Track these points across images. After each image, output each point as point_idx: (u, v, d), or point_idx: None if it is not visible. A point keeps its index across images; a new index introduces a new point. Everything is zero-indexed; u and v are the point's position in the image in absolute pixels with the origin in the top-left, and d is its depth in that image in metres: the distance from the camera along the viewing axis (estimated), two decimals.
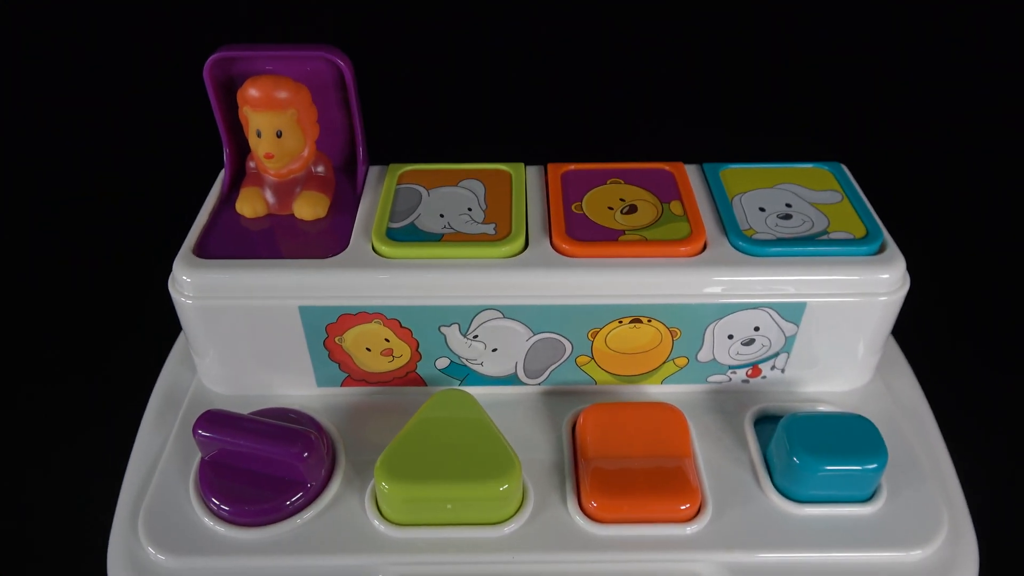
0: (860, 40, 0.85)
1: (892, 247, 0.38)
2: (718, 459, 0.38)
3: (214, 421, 0.35)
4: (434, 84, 0.70)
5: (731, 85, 0.81)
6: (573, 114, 0.73)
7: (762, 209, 0.40)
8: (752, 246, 0.38)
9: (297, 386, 0.41)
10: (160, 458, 0.38)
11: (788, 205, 0.41)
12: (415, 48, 0.70)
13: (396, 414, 0.40)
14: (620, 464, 0.36)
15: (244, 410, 0.38)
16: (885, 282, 0.37)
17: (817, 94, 0.80)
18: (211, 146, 0.43)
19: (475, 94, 0.69)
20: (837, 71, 0.83)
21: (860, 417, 0.37)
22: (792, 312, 0.38)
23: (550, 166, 0.44)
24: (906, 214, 0.47)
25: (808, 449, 0.35)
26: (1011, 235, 0.65)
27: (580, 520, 0.35)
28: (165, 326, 0.44)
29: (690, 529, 0.35)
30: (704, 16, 0.87)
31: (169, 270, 0.38)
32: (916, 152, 0.70)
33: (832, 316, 0.38)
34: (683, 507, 0.35)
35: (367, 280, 0.37)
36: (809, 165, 0.44)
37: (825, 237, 0.38)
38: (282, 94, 0.38)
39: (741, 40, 0.86)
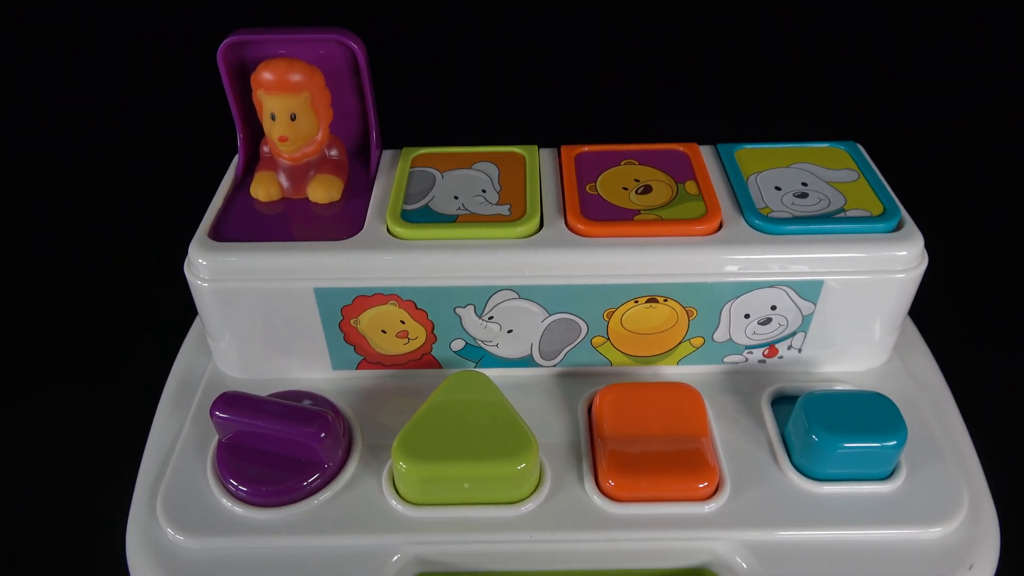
0: (874, 17, 0.84)
1: (910, 224, 0.38)
2: (735, 438, 0.38)
3: (231, 402, 0.36)
4: (447, 67, 0.70)
5: (744, 65, 0.80)
6: (586, 97, 0.72)
7: (778, 188, 0.40)
8: (768, 224, 0.37)
9: (313, 369, 0.41)
10: (177, 441, 0.38)
11: (804, 184, 0.40)
12: (428, 31, 0.70)
13: (411, 397, 0.40)
14: (637, 443, 0.36)
15: (260, 393, 0.38)
16: (903, 259, 0.37)
17: (831, 72, 0.79)
18: (225, 131, 0.43)
19: (488, 77, 0.69)
20: (851, 49, 0.82)
21: (879, 395, 0.36)
22: (809, 290, 0.38)
23: (563, 148, 0.43)
24: (922, 193, 0.47)
25: (827, 426, 0.35)
26: None
27: (597, 499, 0.35)
28: (181, 311, 0.44)
29: (708, 508, 0.35)
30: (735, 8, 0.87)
31: (184, 254, 0.38)
32: (932, 130, 0.70)
33: (849, 294, 0.38)
34: (701, 485, 0.34)
35: (382, 261, 0.37)
36: (824, 144, 0.43)
37: (842, 215, 0.38)
38: (296, 77, 0.38)
39: (755, 20, 0.86)
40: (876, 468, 0.36)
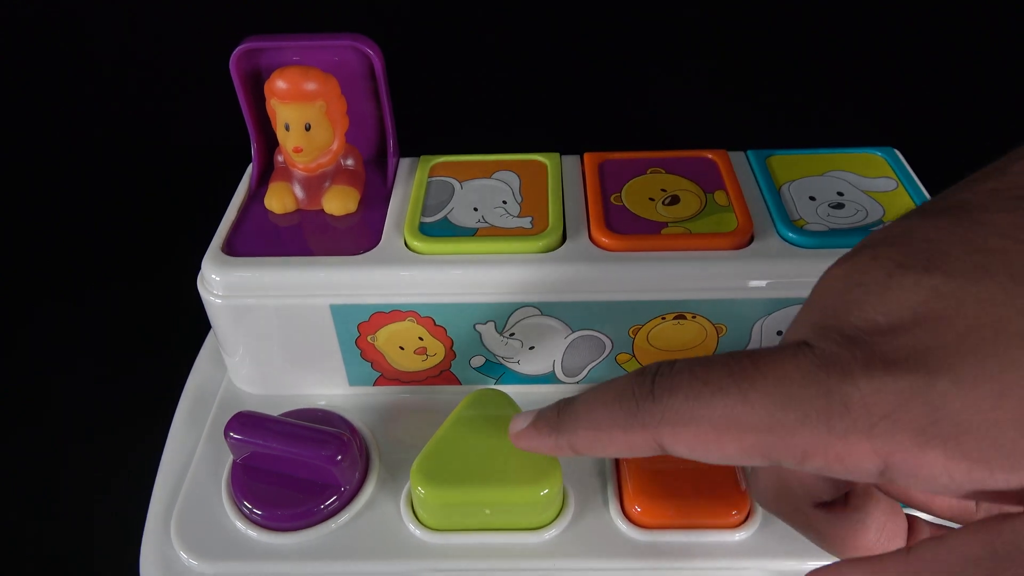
0: (912, 16, 0.81)
1: None
2: None
3: (246, 423, 0.35)
4: (465, 71, 0.68)
5: (776, 66, 0.78)
6: (609, 100, 0.71)
7: (812, 198, 0.38)
8: (803, 237, 0.36)
9: (329, 385, 0.40)
10: (191, 460, 0.38)
11: (840, 193, 0.38)
12: (445, 35, 0.68)
13: (430, 413, 0.39)
14: (664, 467, 0.34)
15: (275, 410, 0.38)
16: None
17: (867, 74, 0.76)
18: (239, 140, 0.42)
19: (507, 81, 0.67)
20: (888, 49, 0.79)
21: None
22: None
23: (587, 155, 0.42)
24: None
25: None
26: None
27: (623, 525, 0.34)
28: (195, 325, 0.43)
29: (739, 536, 0.33)
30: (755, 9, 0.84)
31: (198, 265, 0.37)
32: (973, 135, 0.67)
33: None
34: (733, 513, 0.33)
35: (400, 277, 0.36)
36: (860, 151, 0.41)
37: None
38: (310, 85, 0.37)
39: (787, 18, 0.83)
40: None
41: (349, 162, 0.40)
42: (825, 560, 0.32)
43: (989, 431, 0.19)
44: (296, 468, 0.35)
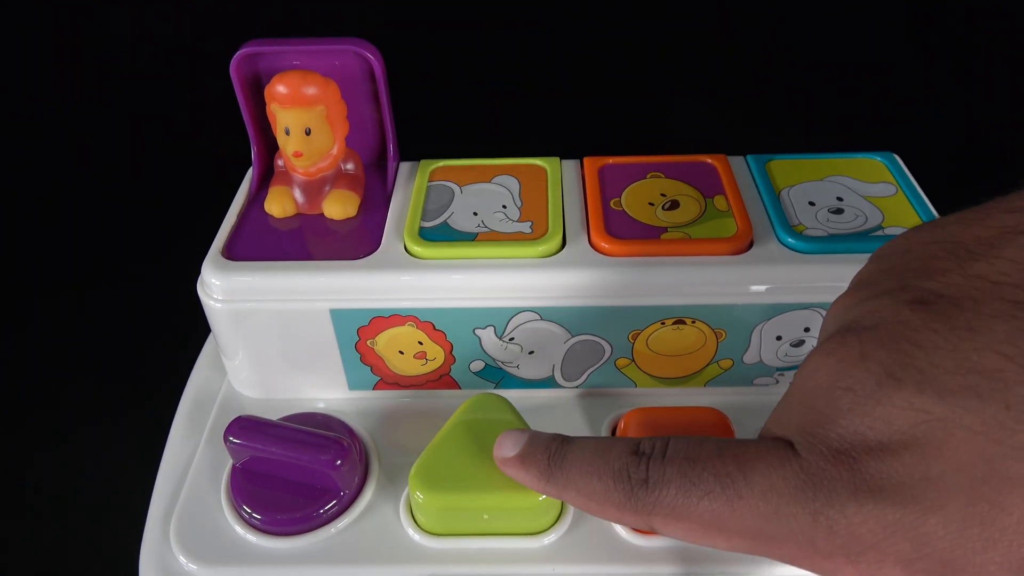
0: (911, 19, 0.81)
1: None
2: None
3: (245, 428, 0.35)
4: (465, 76, 0.68)
5: (774, 71, 0.78)
6: (609, 104, 0.70)
7: (812, 203, 0.38)
8: (802, 243, 0.36)
9: (328, 389, 0.40)
10: (191, 464, 0.38)
11: (839, 199, 0.39)
12: (445, 39, 0.68)
13: (429, 417, 0.39)
14: None
15: (275, 414, 0.38)
16: None
17: (865, 78, 0.76)
18: (239, 144, 0.42)
19: (507, 86, 0.67)
20: (887, 53, 0.79)
21: None
22: None
23: (586, 160, 0.42)
24: (963, 207, 0.45)
25: None
26: None
27: (622, 530, 0.34)
28: (194, 329, 0.43)
29: None
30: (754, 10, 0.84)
31: (197, 272, 0.37)
32: (973, 140, 0.67)
33: None
34: None
35: (399, 282, 0.36)
36: (860, 156, 0.42)
37: (880, 233, 0.36)
38: (310, 90, 0.37)
39: (786, 23, 0.83)
40: None
41: (349, 166, 0.40)
42: None
43: (974, 572, 0.19)
44: (295, 472, 0.35)
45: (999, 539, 0.18)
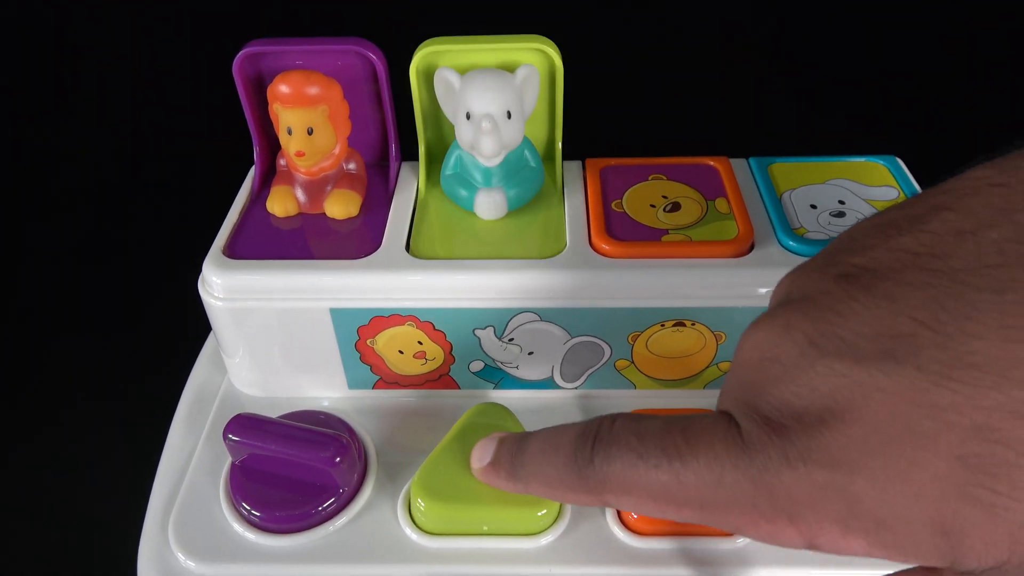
0: (913, 19, 0.81)
1: None
2: None
3: (244, 425, 0.35)
4: None
5: (776, 72, 0.78)
6: (611, 105, 0.71)
7: (813, 206, 0.38)
8: (803, 246, 0.36)
9: (328, 388, 0.40)
10: (190, 461, 0.38)
11: (841, 202, 0.38)
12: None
13: (429, 417, 0.39)
14: None
15: (275, 412, 0.38)
16: None
17: (867, 80, 0.76)
18: (241, 143, 0.42)
19: None
20: (889, 53, 0.79)
21: None
22: None
23: (588, 161, 0.42)
24: None
25: None
26: None
27: (620, 532, 0.34)
28: (195, 326, 0.43)
29: (739, 542, 0.33)
30: (756, 7, 0.84)
31: (198, 267, 0.37)
32: (975, 142, 0.67)
33: None
34: None
35: (400, 282, 0.36)
36: (862, 159, 0.41)
37: None
38: (313, 90, 0.37)
39: (787, 23, 0.83)
40: None
41: (351, 166, 0.40)
42: (826, 569, 0.33)
43: (904, 528, 0.20)
44: (294, 470, 0.35)
45: (920, 495, 0.19)
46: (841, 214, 0.38)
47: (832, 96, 0.75)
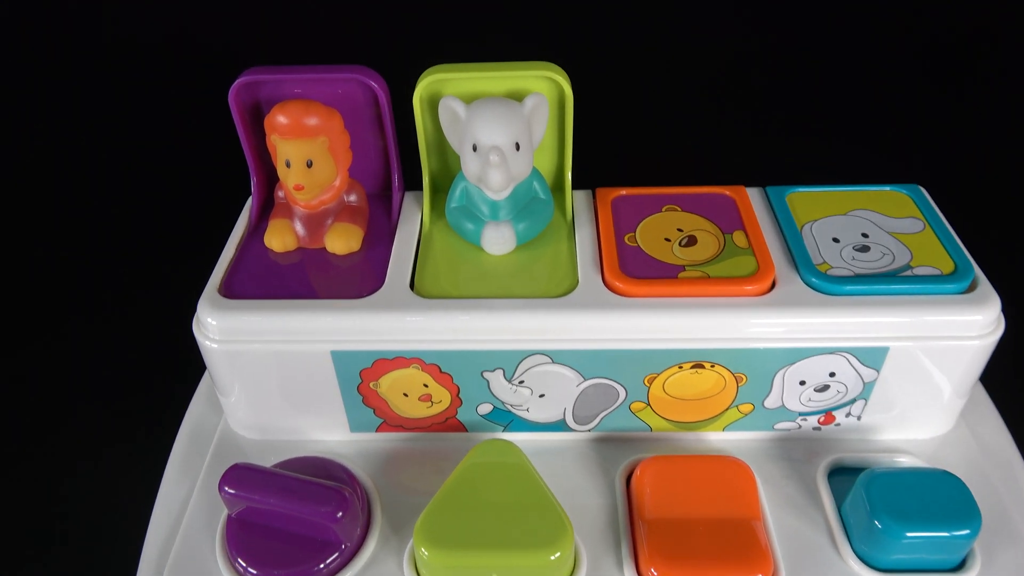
0: (937, 46, 0.79)
1: (984, 284, 0.34)
2: (790, 520, 0.34)
3: (241, 478, 0.33)
4: None
5: (794, 98, 0.75)
6: (623, 132, 0.68)
7: (836, 240, 0.37)
8: (827, 283, 0.34)
9: (330, 431, 0.38)
10: (185, 510, 0.36)
11: (865, 235, 0.37)
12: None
13: (434, 461, 0.37)
14: (682, 525, 0.33)
15: (274, 456, 0.36)
16: (977, 324, 0.34)
17: (891, 107, 0.74)
18: (238, 174, 0.40)
19: None
20: (913, 80, 0.77)
21: (948, 474, 0.33)
22: (872, 357, 0.34)
23: (599, 191, 0.40)
24: (994, 243, 0.43)
25: (891, 512, 0.31)
26: None
27: None
28: (190, 363, 0.41)
29: None
30: (760, 25, 0.82)
31: (193, 305, 0.36)
32: (1004, 173, 0.64)
33: (916, 361, 0.34)
34: None
35: (404, 323, 0.34)
36: (885, 188, 0.40)
37: (908, 273, 0.35)
38: (312, 120, 0.35)
39: (807, 48, 0.81)
40: (946, 556, 0.32)
41: (352, 198, 0.39)
42: None
43: None
44: (294, 524, 0.33)
45: None
46: (866, 248, 0.36)
47: (844, 122, 0.73)
